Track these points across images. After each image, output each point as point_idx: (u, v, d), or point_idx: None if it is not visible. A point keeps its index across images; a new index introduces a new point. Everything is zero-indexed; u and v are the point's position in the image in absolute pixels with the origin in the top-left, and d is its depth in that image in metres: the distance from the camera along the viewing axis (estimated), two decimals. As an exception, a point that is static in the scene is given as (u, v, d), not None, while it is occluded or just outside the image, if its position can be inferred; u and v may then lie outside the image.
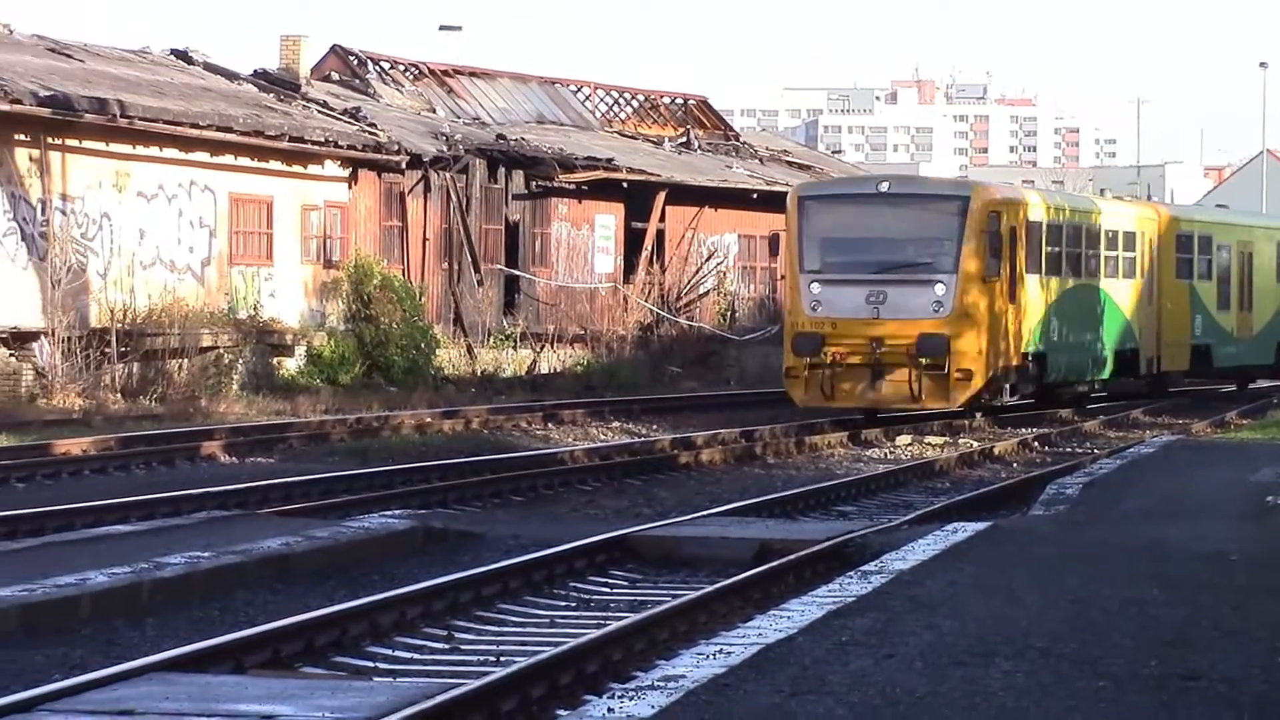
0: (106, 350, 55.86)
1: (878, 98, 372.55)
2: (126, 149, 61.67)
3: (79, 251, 59.25)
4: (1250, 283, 61.22)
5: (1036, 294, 46.53)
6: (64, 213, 59.17)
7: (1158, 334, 54.26)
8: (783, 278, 51.79)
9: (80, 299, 57.98)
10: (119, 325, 57.50)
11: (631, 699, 15.51)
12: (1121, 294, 52.17)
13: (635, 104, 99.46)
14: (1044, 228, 47.55)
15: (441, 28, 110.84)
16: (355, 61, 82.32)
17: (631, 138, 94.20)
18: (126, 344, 56.60)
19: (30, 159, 58.16)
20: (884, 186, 45.13)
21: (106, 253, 60.47)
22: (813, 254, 44.68)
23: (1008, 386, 46.83)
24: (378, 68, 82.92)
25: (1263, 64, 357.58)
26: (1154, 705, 15.53)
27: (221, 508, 30.58)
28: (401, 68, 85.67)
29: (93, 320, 57.56)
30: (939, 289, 43.10)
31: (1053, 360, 48.30)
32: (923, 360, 43.09)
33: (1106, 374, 53.19)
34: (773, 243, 50.38)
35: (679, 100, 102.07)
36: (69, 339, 55.19)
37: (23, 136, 57.89)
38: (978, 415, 56.58)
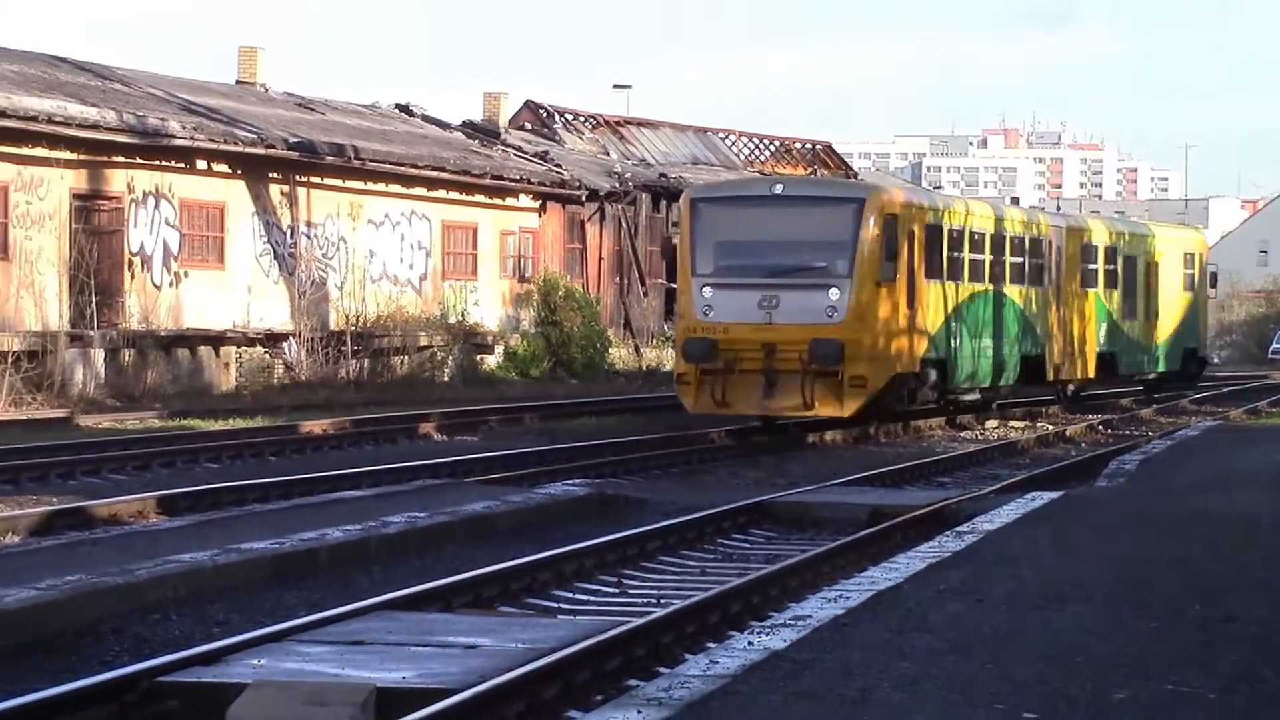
0: (342, 349, 56.35)
1: (971, 143, 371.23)
2: (359, 185, 62.21)
3: (320, 268, 59.82)
4: (1156, 293, 56.54)
5: (937, 300, 40.72)
6: (308, 237, 59.72)
7: (1064, 341, 49.08)
8: (674, 283, 45.76)
9: (321, 307, 58.48)
10: (352, 328, 58.04)
11: (768, 634, 15.54)
12: (1027, 301, 46.75)
13: (772, 148, 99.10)
14: (945, 233, 41.98)
15: (615, 86, 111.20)
16: (544, 114, 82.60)
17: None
18: (358, 344, 57.03)
19: (281, 193, 58.76)
20: (778, 188, 39.37)
21: (342, 269, 61.12)
22: (705, 257, 38.17)
23: (906, 393, 39.99)
24: (563, 119, 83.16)
25: None
26: (1197, 642, 15.52)
27: (434, 477, 30.70)
28: (582, 119, 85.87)
29: (331, 324, 58.01)
30: (833, 294, 36.80)
31: (954, 366, 42.42)
32: (815, 367, 36.35)
33: (1012, 380, 47.33)
34: (664, 247, 45.92)
35: (808, 145, 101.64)
36: (312, 339, 55.86)
37: (276, 175, 58.56)
38: (1053, 406, 54.58)
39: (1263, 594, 18.38)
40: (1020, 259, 46.13)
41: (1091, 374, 52.34)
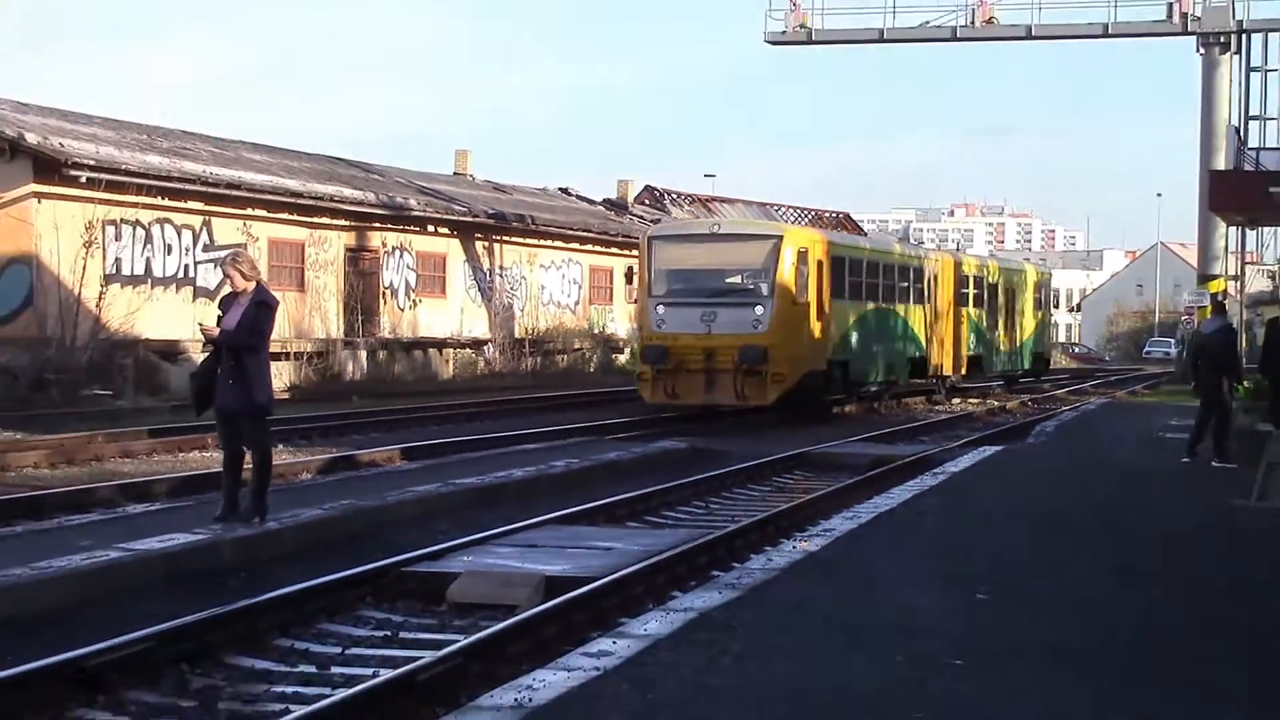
0: (523, 350, 56.62)
1: (942, 213, 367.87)
2: (534, 241, 62.19)
3: (508, 296, 60.04)
4: (1013, 311, 53.58)
5: (841, 314, 38.21)
6: (500, 276, 59.91)
7: (942, 346, 46.09)
8: (634, 301, 41.08)
9: (509, 323, 58.72)
10: (529, 336, 58.32)
11: (806, 540, 15.73)
12: (914, 316, 44.11)
13: (809, 216, 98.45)
14: (846, 263, 39.03)
15: (705, 175, 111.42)
16: (657, 193, 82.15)
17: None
18: (533, 347, 57.32)
19: (483, 247, 59.00)
20: (715, 228, 36.96)
21: (523, 298, 61.25)
22: (659, 282, 35.90)
23: (818, 386, 37.07)
24: (669, 196, 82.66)
25: (1159, 194, 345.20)
26: (1093, 542, 15.57)
27: (583, 436, 30.76)
28: (683, 196, 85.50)
29: (515, 333, 58.19)
30: (758, 310, 34.64)
31: (855, 366, 39.29)
32: (745, 366, 34.20)
33: (903, 377, 44.08)
34: (628, 274, 44.10)
35: (833, 214, 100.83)
36: (503, 344, 56.23)
37: (479, 235, 58.72)
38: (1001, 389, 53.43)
39: (1143, 513, 18.44)
40: (906, 284, 43.78)
41: (964, 371, 49.42)
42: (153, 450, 27.74)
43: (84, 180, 40.06)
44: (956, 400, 48.88)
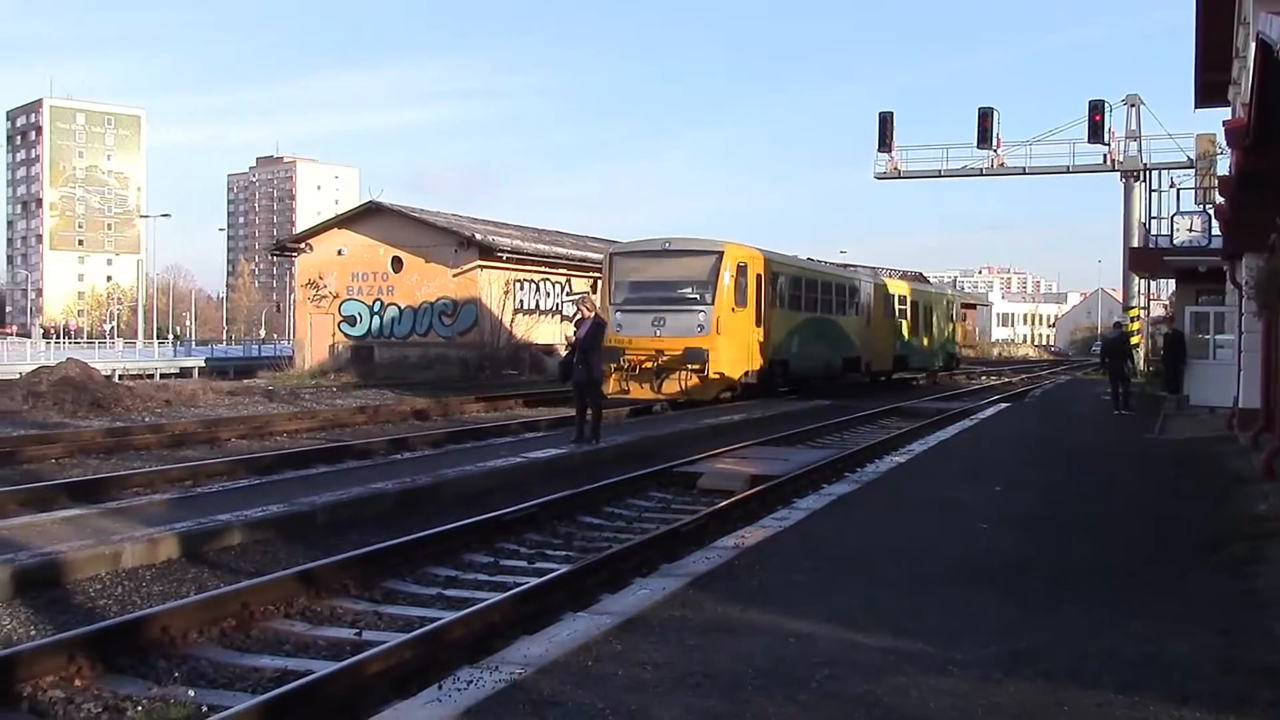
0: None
1: (974, 271, 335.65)
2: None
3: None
4: (931, 321, 43.61)
5: (779, 321, 28.45)
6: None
7: (872, 348, 36.02)
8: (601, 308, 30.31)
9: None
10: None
11: (897, 455, 15.34)
12: (848, 324, 34.00)
13: (895, 273, 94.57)
14: (783, 278, 28.82)
15: (840, 250, 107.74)
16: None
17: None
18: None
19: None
20: (666, 245, 26.54)
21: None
22: (619, 292, 26.17)
23: (759, 382, 27.30)
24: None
25: (1099, 260, 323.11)
26: (1062, 456, 15.09)
27: (779, 398, 29.02)
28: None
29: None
30: (701, 315, 25.39)
31: (794, 365, 29.50)
32: (689, 365, 25.28)
33: (837, 372, 33.55)
34: (594, 286, 37.74)
35: (912, 271, 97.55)
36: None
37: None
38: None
39: (1090, 440, 17.81)
40: (842, 298, 33.61)
41: (890, 368, 38.81)
42: (538, 404, 28.05)
43: (504, 258, 42.06)
44: (987, 379, 47.38)
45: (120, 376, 46.85)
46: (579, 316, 16.86)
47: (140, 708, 6.09)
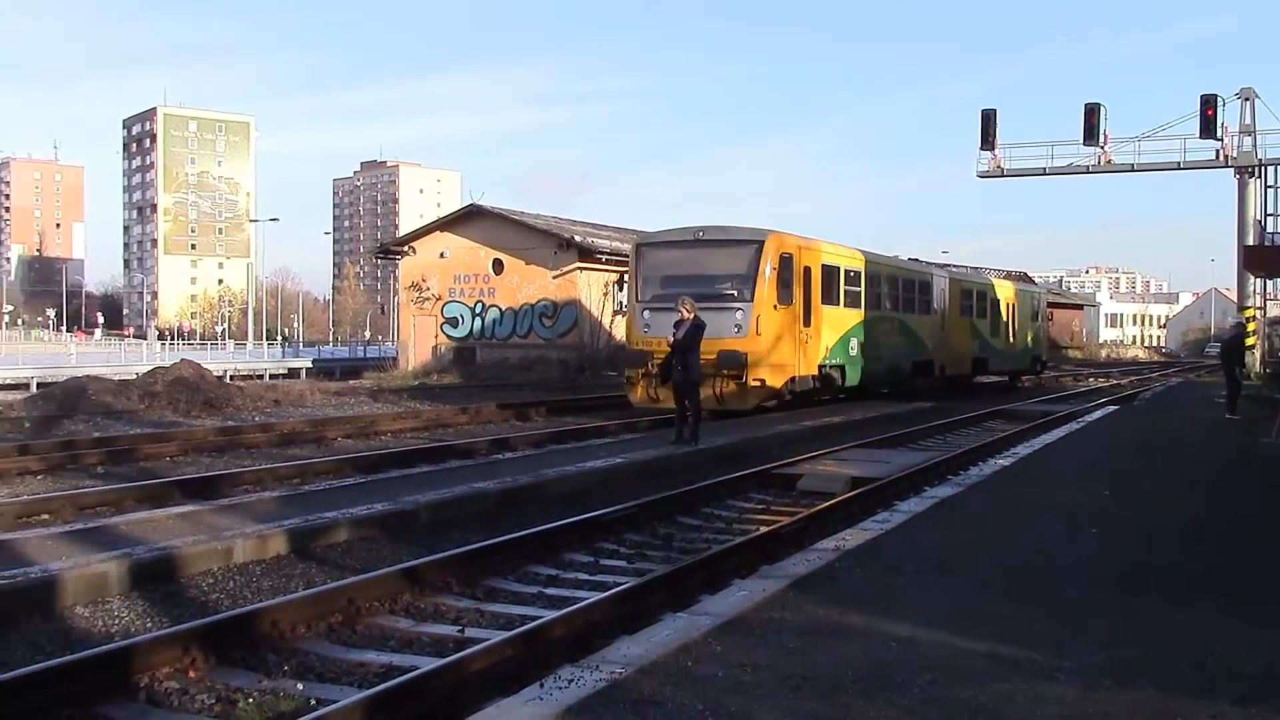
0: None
1: (1082, 271, 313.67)
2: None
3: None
4: (1014, 319, 39.37)
5: (833, 321, 24.41)
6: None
7: (947, 350, 32.34)
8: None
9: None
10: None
11: (1002, 458, 15.08)
12: (919, 323, 30.33)
13: (1000, 273, 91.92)
14: (838, 271, 24.82)
15: (942, 251, 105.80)
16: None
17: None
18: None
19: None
20: (700, 235, 22.63)
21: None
22: (646, 288, 22.56)
23: (810, 391, 23.59)
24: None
25: (1212, 259, 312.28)
26: (1172, 460, 14.63)
27: (870, 399, 29.02)
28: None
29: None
30: (739, 314, 21.50)
31: (852, 369, 25.46)
32: (725, 371, 21.32)
33: (906, 376, 29.95)
34: (620, 281, 35.18)
35: (1017, 272, 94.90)
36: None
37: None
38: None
39: (1203, 444, 17.26)
40: (911, 295, 29.86)
41: (969, 372, 35.04)
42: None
43: (604, 260, 42.01)
44: (1092, 380, 46.15)
45: (231, 377, 47.88)
46: (678, 318, 16.87)
47: (251, 700, 6.24)
